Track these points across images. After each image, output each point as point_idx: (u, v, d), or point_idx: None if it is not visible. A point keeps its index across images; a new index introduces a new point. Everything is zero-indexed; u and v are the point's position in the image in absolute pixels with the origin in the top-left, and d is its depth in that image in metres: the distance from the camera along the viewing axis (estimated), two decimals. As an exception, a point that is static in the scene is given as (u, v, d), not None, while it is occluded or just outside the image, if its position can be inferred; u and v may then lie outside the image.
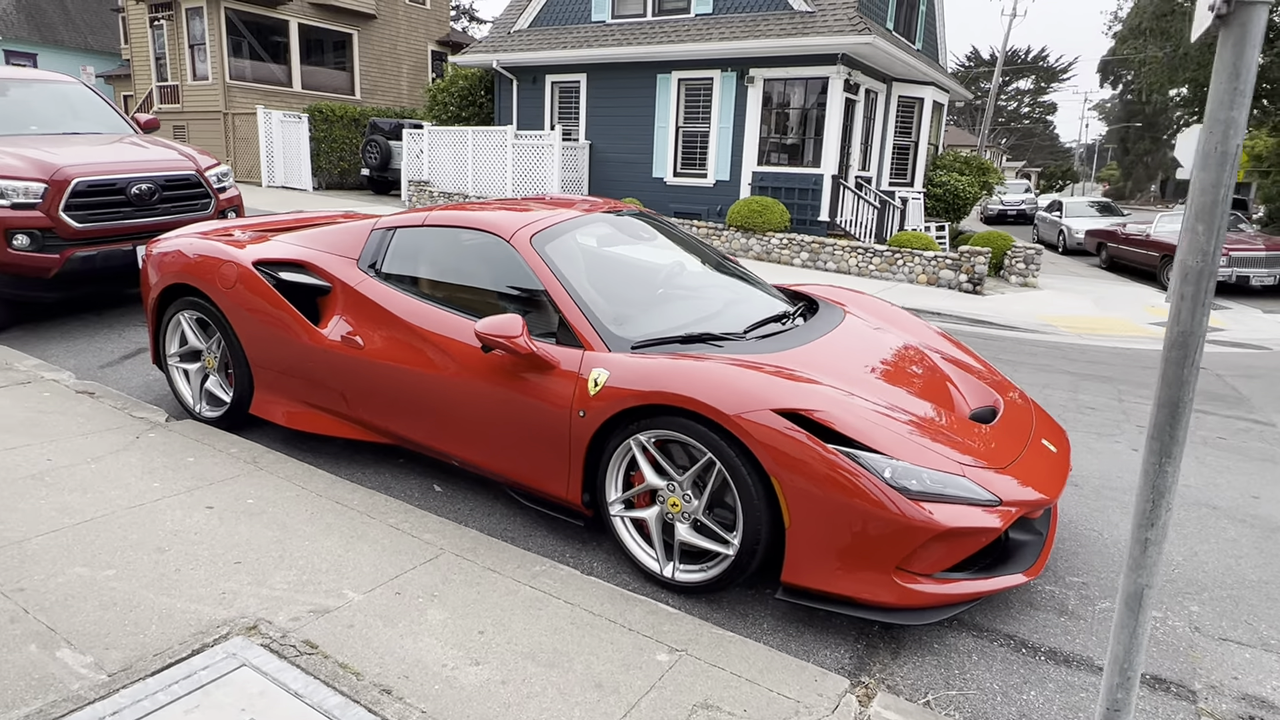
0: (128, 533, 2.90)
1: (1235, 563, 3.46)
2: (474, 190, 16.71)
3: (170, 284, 4.19)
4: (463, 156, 16.80)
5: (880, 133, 15.79)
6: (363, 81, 23.87)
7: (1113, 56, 63.49)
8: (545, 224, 3.60)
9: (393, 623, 2.48)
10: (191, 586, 2.59)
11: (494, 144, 16.23)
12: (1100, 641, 2.80)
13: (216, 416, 4.20)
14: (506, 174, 16.11)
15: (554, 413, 3.09)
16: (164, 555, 2.76)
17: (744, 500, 2.73)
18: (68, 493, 3.17)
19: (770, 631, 2.82)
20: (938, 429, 2.96)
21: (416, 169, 17.66)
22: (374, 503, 3.30)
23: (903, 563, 2.63)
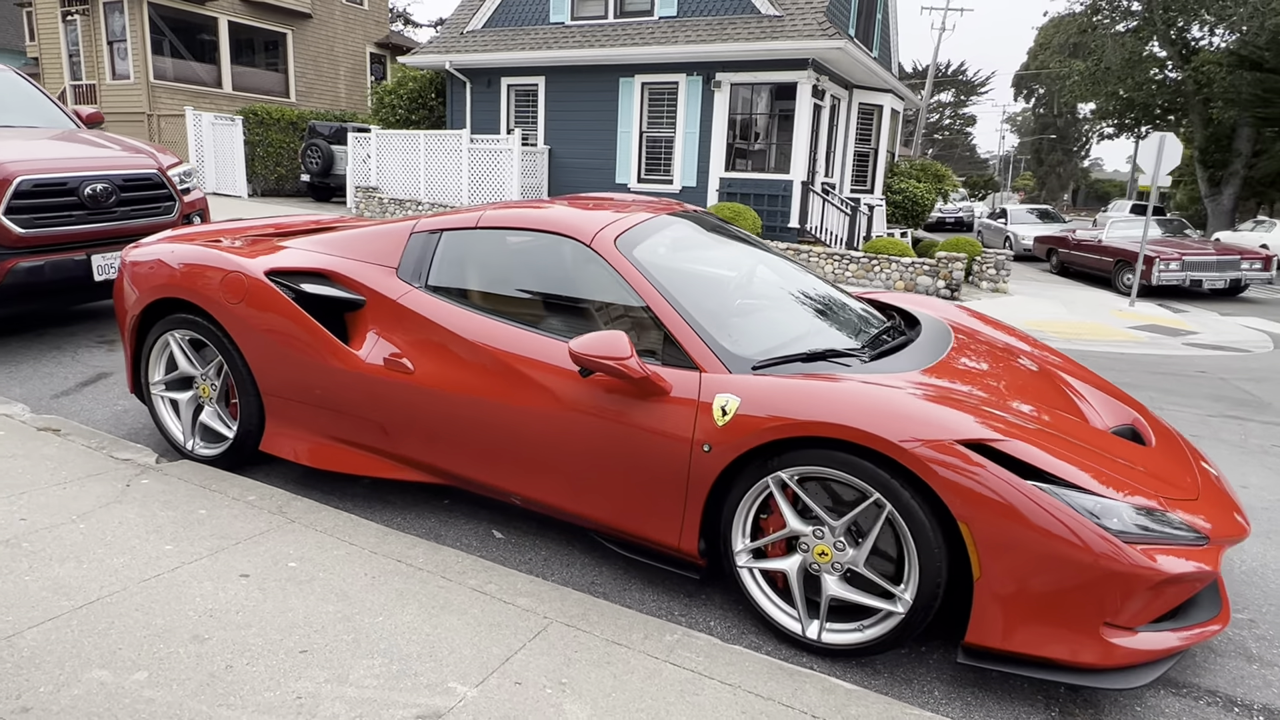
0: (150, 616, 2.27)
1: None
2: (427, 197, 15.95)
3: (157, 299, 3.51)
4: (414, 161, 16.02)
5: (842, 140, 15.74)
6: (298, 83, 22.72)
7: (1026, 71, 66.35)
8: (627, 225, 3.11)
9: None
10: (254, 691, 2.00)
11: (448, 148, 15.52)
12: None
13: (215, 454, 3.54)
14: (462, 179, 15.43)
15: (668, 447, 2.60)
16: (205, 646, 2.16)
17: (920, 548, 2.29)
18: (59, 563, 2.52)
19: (945, 701, 2.39)
20: (1111, 455, 2.59)
21: (363, 174, 16.77)
22: (442, 560, 2.74)
23: (1111, 616, 2.24)
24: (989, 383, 2.89)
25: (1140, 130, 34.94)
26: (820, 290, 3.56)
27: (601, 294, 2.99)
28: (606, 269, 2.93)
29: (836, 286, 3.75)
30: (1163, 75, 30.42)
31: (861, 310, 3.51)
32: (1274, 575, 3.25)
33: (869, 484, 2.33)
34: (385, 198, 16.16)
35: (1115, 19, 30.20)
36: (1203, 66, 26.72)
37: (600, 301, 2.99)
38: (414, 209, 15.80)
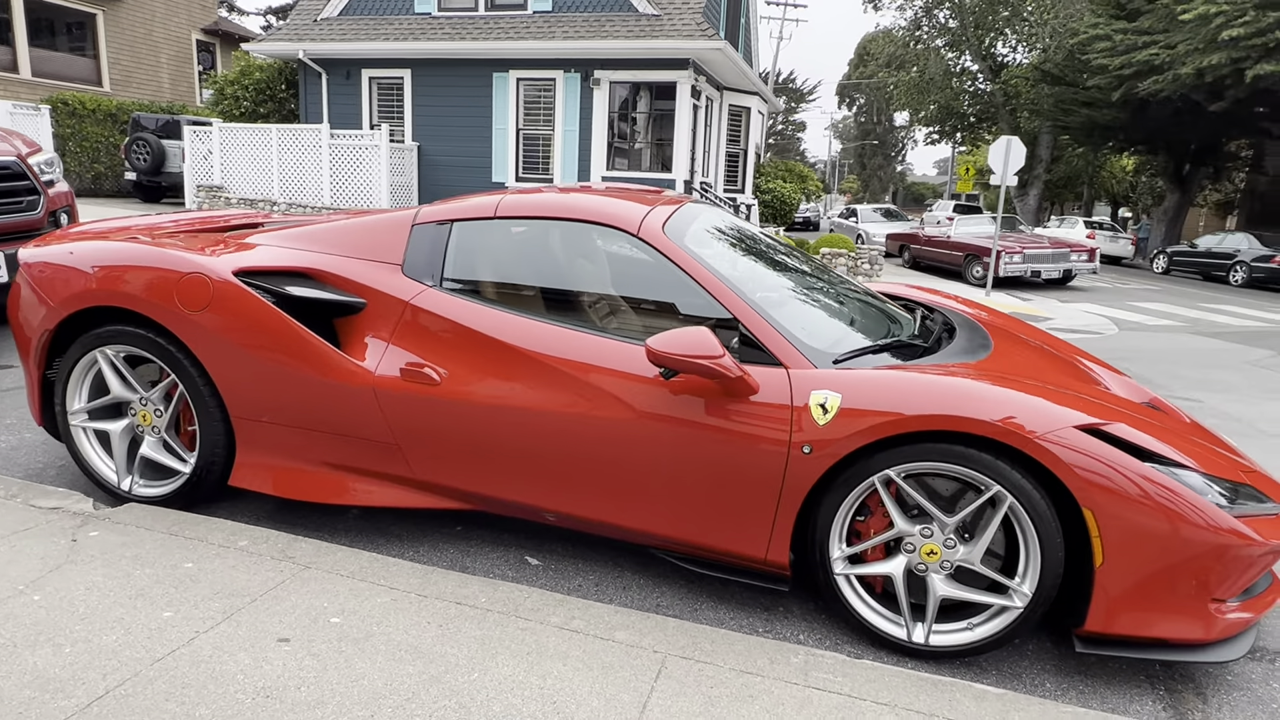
0: (190, 708, 1.78)
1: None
2: (281, 196, 14.67)
3: (81, 309, 2.86)
4: (266, 158, 14.68)
5: (716, 140, 16.02)
6: (113, 71, 20.22)
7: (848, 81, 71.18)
8: (669, 211, 2.86)
9: (711, 784, 1.68)
10: (372, 785, 1.60)
11: (306, 144, 14.35)
12: (1353, 644, 2.64)
13: (164, 494, 2.94)
14: (323, 178, 14.31)
15: (761, 451, 2.38)
16: (281, 736, 1.72)
17: (1043, 538, 2.23)
18: (29, 650, 1.94)
19: (1059, 692, 2.34)
20: (1180, 434, 2.65)
21: (204, 172, 15.16)
22: (507, 597, 2.38)
23: (1216, 592, 2.27)
24: (1045, 370, 2.89)
25: (956, 137, 38.33)
26: (845, 282, 3.47)
27: (655, 288, 2.73)
28: (660, 260, 2.66)
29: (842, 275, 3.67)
30: (975, 87, 33.47)
31: (886, 302, 3.44)
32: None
33: (988, 476, 2.23)
34: (233, 197, 14.71)
35: (934, 34, 32.87)
36: (1010, 80, 29.66)
37: (657, 295, 2.73)
38: (267, 210, 14.48)
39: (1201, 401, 6.21)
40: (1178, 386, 6.79)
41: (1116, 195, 38.58)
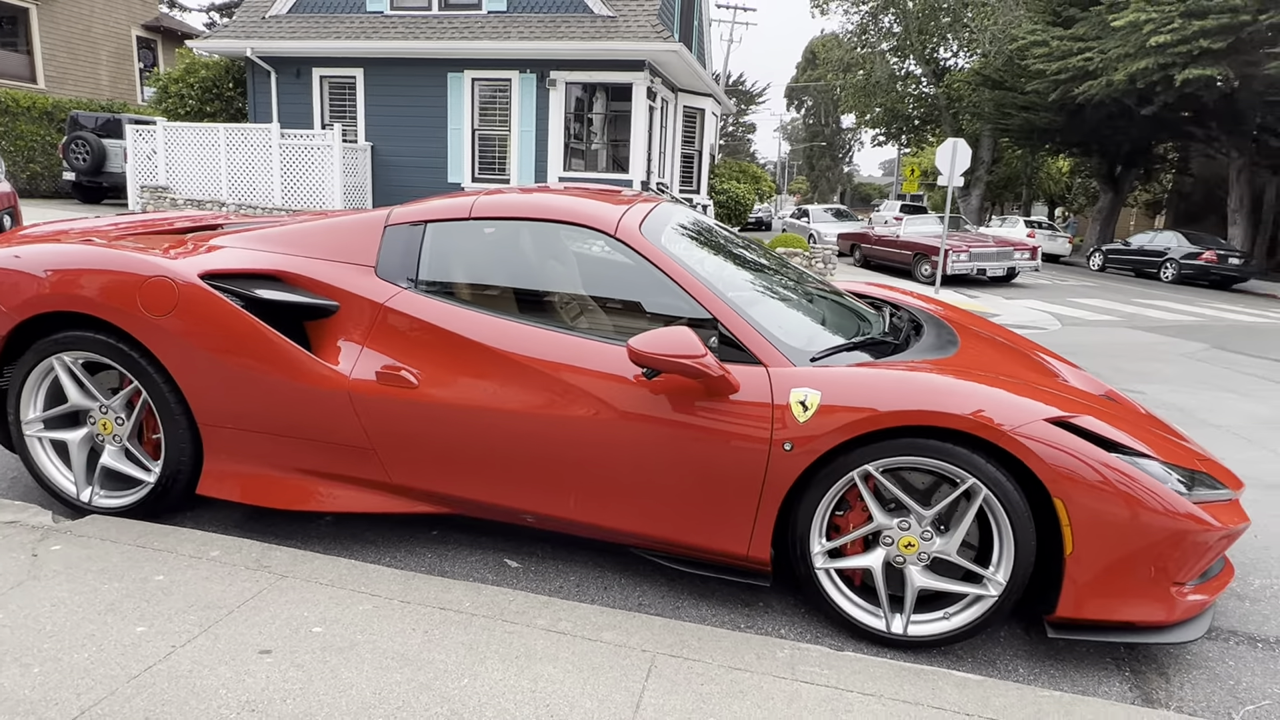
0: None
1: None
2: (230, 197, 14.26)
3: (34, 314, 2.74)
4: (214, 158, 14.25)
5: (671, 141, 16.07)
6: (48, 67, 19.43)
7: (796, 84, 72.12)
8: (645, 211, 2.85)
9: (709, 781, 1.68)
10: (369, 797, 1.56)
11: (255, 143, 13.97)
12: (1299, 621, 2.77)
13: (127, 504, 2.83)
14: (273, 178, 13.96)
15: (743, 449, 2.39)
16: (270, 751, 1.66)
17: (1016, 528, 2.28)
18: (2, 670, 1.84)
19: (1031, 677, 2.40)
20: (1139, 422, 2.74)
21: (148, 172, 14.65)
22: (491, 601, 2.35)
23: (1177, 575, 2.36)
24: (1009, 365, 2.96)
25: (902, 140, 39.11)
26: (813, 280, 3.50)
27: (634, 288, 2.73)
28: (638, 260, 2.66)
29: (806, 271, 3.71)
30: (919, 91, 34.19)
31: (854, 300, 3.49)
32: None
33: (963, 468, 2.28)
34: (179, 198, 14.24)
35: (880, 39, 33.48)
36: (953, 84, 30.35)
37: (634, 296, 2.72)
38: (216, 210, 14.05)
39: (1144, 393, 6.44)
40: (1120, 379, 7.03)
41: (1053, 196, 39.85)
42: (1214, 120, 21.64)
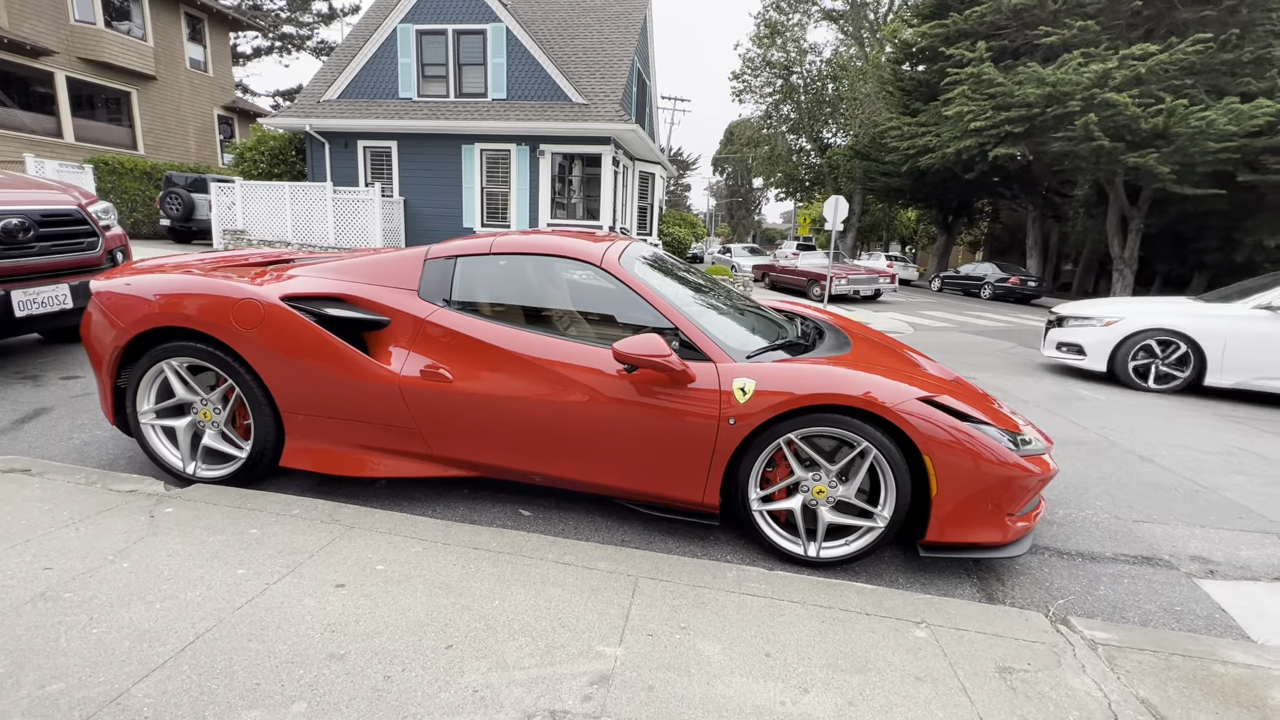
0: (269, 645, 1.64)
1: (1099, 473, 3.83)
2: (294, 238, 13.75)
3: (149, 329, 2.60)
4: (280, 209, 13.72)
5: (630, 197, 16.01)
6: (147, 138, 18.48)
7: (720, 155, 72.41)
8: (621, 248, 2.83)
9: (683, 670, 1.67)
10: (427, 695, 1.51)
11: (313, 197, 13.49)
12: (1092, 538, 2.87)
13: (224, 475, 2.70)
14: (328, 224, 13.51)
15: (699, 424, 2.39)
16: (349, 663, 1.60)
17: (897, 478, 2.32)
18: (124, 608, 1.74)
19: (908, 585, 2.44)
20: (978, 399, 2.81)
21: (229, 219, 14.04)
22: (512, 541, 2.30)
23: (1010, 509, 2.43)
24: (888, 359, 3.01)
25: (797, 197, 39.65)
26: (742, 297, 3.51)
27: (613, 305, 2.70)
28: (617, 285, 2.63)
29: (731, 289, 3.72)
30: (809, 160, 34.72)
31: (773, 312, 3.51)
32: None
33: (858, 435, 2.31)
34: (254, 239, 13.68)
35: (780, 122, 33.90)
36: (834, 156, 30.87)
37: (612, 311, 2.70)
38: (283, 248, 13.57)
39: (976, 378, 6.63)
40: (958, 368, 7.23)
41: (904, 237, 40.87)
42: (1016, 183, 22.43)
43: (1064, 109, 15.38)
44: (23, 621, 1.64)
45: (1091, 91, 14.93)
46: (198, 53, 20.15)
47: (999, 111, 16.51)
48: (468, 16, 13.50)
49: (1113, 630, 2.04)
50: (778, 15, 31.65)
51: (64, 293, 3.90)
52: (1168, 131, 14.67)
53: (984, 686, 1.69)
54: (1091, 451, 4.11)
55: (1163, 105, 14.51)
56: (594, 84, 13.64)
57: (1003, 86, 16.25)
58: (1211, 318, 5.74)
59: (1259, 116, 14.17)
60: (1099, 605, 2.36)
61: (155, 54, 18.36)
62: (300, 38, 30.75)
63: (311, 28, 30.66)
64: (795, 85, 32.34)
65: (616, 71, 13.82)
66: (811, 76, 32.16)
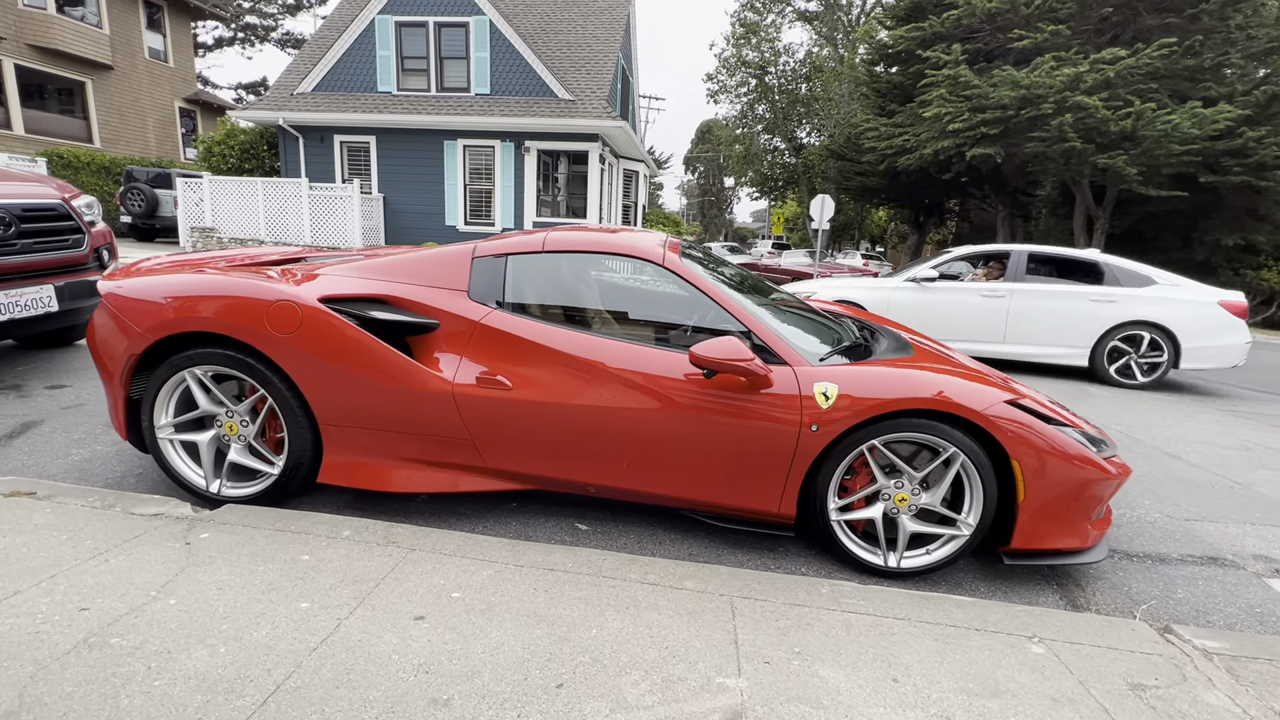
0: (361, 691, 1.45)
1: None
2: (268, 236, 13.20)
3: (170, 334, 2.35)
4: (252, 205, 13.15)
5: (614, 195, 15.83)
6: (103, 131, 17.54)
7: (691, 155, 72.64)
8: (677, 245, 2.69)
9: (815, 702, 1.55)
10: (553, 743, 1.35)
11: (288, 194, 12.97)
12: (1152, 539, 2.84)
13: (252, 493, 2.47)
14: (304, 222, 13.00)
15: (778, 431, 2.26)
16: (456, 709, 1.43)
17: (984, 484, 2.24)
18: (184, 654, 1.53)
19: (989, 594, 2.36)
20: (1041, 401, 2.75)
21: (197, 216, 13.39)
22: (589, 561, 2.14)
23: (1090, 513, 2.37)
24: (950, 361, 2.93)
25: (772, 197, 39.96)
26: (791, 296, 3.40)
27: (675, 305, 2.56)
28: (682, 285, 2.49)
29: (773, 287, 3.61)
30: (783, 160, 35.01)
31: (825, 313, 3.39)
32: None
33: (946, 440, 2.22)
34: (225, 237, 13.10)
35: (755, 122, 34.10)
36: (809, 156, 31.17)
37: (675, 312, 2.55)
38: (255, 246, 13.00)
39: (978, 376, 6.65)
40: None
41: (874, 237, 41.59)
42: (987, 184, 22.95)
43: (1037, 111, 15.76)
44: (70, 675, 1.42)
45: (1064, 94, 15.33)
46: (157, 42, 19.21)
47: (975, 113, 16.83)
48: (450, 9, 13.13)
49: (1220, 639, 1.98)
50: (753, 15, 31.81)
51: (48, 294, 3.57)
52: (1135, 134, 15.16)
53: (1123, 706, 1.61)
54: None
55: (1131, 108, 14.98)
56: (580, 80, 13.42)
57: (979, 89, 16.57)
58: (877, 289, 6.94)
59: (1219, 121, 14.75)
60: (1182, 609, 2.31)
61: (111, 42, 17.43)
62: (264, 29, 29.65)
63: (276, 19, 29.59)
64: (770, 86, 32.55)
65: (602, 68, 13.63)
66: (786, 77, 32.42)
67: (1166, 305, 6.12)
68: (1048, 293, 6.41)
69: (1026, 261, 6.69)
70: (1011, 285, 6.55)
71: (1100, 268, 6.41)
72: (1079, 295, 6.33)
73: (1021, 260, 6.68)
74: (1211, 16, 15.71)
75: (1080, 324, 6.30)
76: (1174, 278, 6.34)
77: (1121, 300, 6.22)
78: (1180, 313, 6.10)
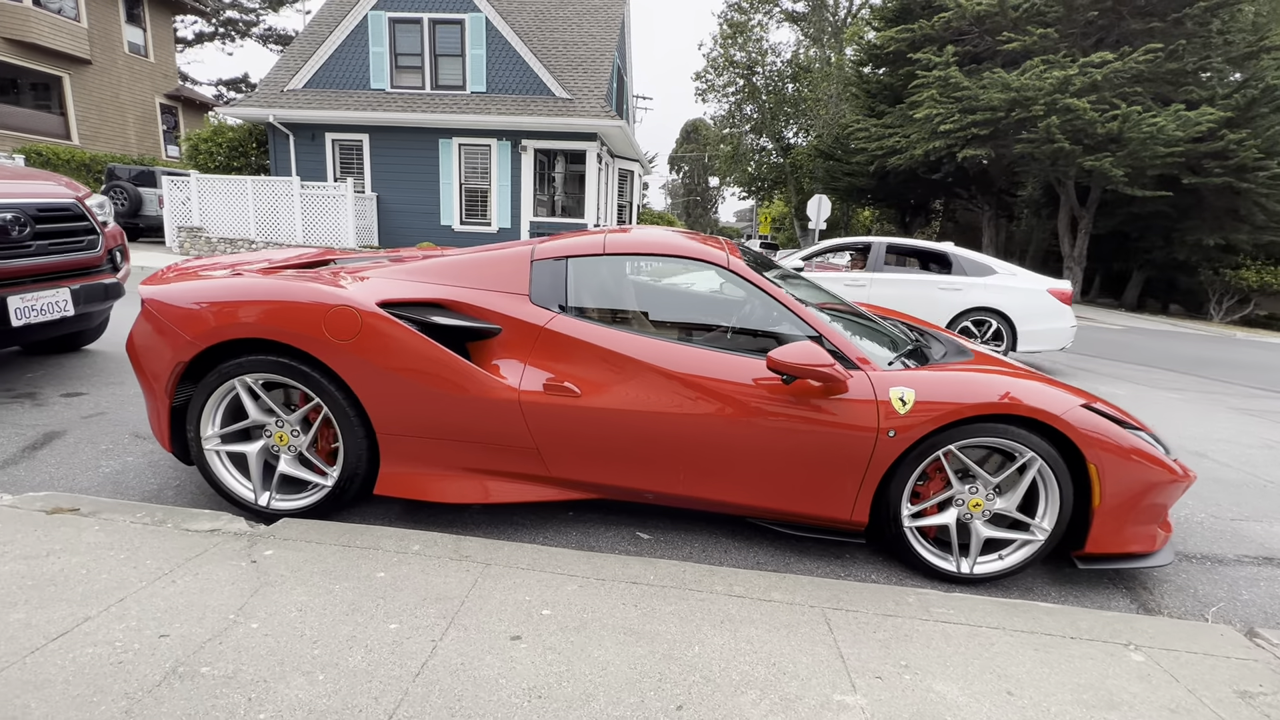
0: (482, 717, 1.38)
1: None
2: (259, 236, 12.91)
3: (221, 341, 2.25)
4: (242, 204, 12.84)
5: (610, 194, 15.75)
6: (81, 127, 17.03)
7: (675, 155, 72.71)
8: (739, 249, 2.63)
9: (937, 719, 1.50)
10: (691, 772, 1.29)
11: (279, 193, 12.69)
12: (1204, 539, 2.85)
13: (303, 506, 2.37)
14: (296, 221, 12.73)
15: (855, 437, 2.22)
16: (579, 736, 1.36)
17: (1061, 488, 2.22)
18: (282, 682, 1.44)
19: (1060, 598, 2.35)
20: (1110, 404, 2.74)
21: (184, 215, 13.05)
22: (670, 573, 2.08)
23: (1161, 515, 2.36)
24: (1006, 364, 2.91)
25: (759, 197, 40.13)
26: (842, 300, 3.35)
27: (740, 310, 2.50)
28: (748, 289, 2.44)
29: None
30: (771, 160, 35.15)
31: (874, 315, 3.35)
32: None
33: (1023, 445, 2.19)
34: (214, 237, 12.77)
35: (743, 121, 34.19)
36: (796, 156, 31.33)
37: (740, 316, 2.50)
38: (246, 247, 12.71)
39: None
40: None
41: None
42: (974, 184, 23.25)
43: (1027, 113, 15.98)
44: (167, 710, 1.32)
45: (1053, 97, 15.56)
46: (137, 36, 18.70)
47: (965, 115, 17.03)
48: (444, 5, 12.94)
49: (1307, 641, 1.98)
50: (740, 16, 31.87)
51: (64, 298, 3.41)
52: (1122, 136, 15.44)
53: (1238, 714, 1.59)
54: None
55: (1118, 111, 15.25)
56: (577, 79, 13.32)
57: (969, 90, 16.75)
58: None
59: (1202, 123, 15.08)
60: (1251, 611, 2.32)
61: (90, 36, 16.92)
62: (245, 24, 29.04)
63: (257, 14, 28.99)
64: (757, 86, 32.65)
65: (600, 66, 13.53)
66: (772, 76, 32.53)
67: (1005, 293, 6.48)
68: (903, 281, 6.74)
69: (885, 252, 7.05)
70: (872, 275, 6.87)
71: (949, 258, 6.77)
72: (930, 284, 6.68)
73: (880, 251, 7.01)
74: (1193, 21, 16.06)
75: (932, 310, 6.64)
76: (1012, 268, 6.69)
77: (966, 288, 6.58)
78: (1016, 299, 6.47)
